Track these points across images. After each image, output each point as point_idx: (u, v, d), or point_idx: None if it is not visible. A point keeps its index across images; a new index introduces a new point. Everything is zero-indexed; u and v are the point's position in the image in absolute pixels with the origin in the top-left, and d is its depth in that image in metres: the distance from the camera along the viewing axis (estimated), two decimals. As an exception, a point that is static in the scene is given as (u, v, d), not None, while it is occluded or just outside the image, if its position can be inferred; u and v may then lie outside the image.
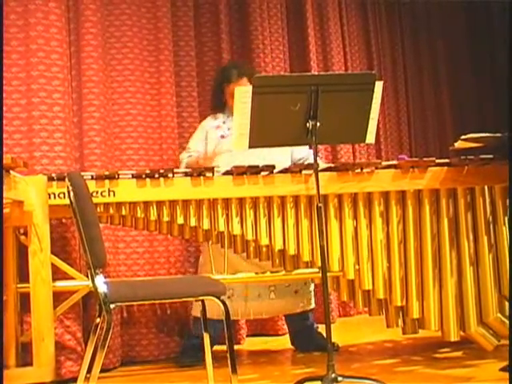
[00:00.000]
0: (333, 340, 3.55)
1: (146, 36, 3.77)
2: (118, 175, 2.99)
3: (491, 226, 3.20)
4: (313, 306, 3.65)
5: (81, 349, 3.20)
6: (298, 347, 3.69)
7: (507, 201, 3.17)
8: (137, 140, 3.68)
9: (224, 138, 3.60)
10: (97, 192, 2.94)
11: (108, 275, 3.40)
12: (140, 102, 3.71)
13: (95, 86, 3.48)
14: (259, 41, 4.30)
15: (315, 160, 2.76)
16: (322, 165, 3.20)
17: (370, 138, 2.88)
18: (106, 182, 2.97)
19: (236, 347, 3.63)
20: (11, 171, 2.79)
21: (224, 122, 3.67)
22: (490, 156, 3.16)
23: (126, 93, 3.68)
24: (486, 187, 3.21)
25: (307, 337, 3.64)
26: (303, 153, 3.64)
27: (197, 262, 3.77)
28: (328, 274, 2.83)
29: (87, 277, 2.89)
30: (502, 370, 2.82)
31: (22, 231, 3.04)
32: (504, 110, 3.51)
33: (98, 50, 3.51)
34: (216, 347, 3.34)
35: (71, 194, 2.40)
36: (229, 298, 3.43)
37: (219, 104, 3.70)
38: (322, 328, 3.10)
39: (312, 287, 3.64)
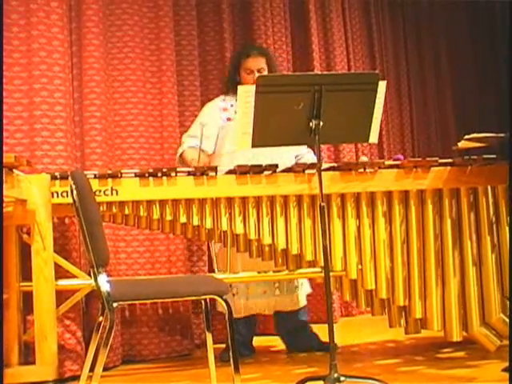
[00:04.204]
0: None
1: (148, 35, 3.77)
2: (121, 174, 2.99)
3: (494, 227, 3.20)
4: (303, 303, 3.60)
5: (81, 348, 3.20)
6: (288, 347, 3.62)
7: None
8: (138, 139, 3.67)
9: (230, 120, 3.54)
10: (100, 191, 2.94)
11: (109, 274, 3.39)
12: (141, 102, 3.70)
13: (97, 86, 3.47)
14: (262, 40, 4.29)
15: (318, 159, 2.75)
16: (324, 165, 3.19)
17: (374, 137, 2.87)
18: (109, 180, 2.96)
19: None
20: (14, 170, 2.79)
21: (232, 106, 3.58)
22: (493, 156, 3.15)
23: (128, 92, 3.68)
24: (489, 187, 3.20)
25: (299, 336, 3.59)
26: (301, 150, 3.65)
27: (199, 261, 3.76)
28: (331, 274, 2.82)
29: (89, 275, 2.89)
30: (505, 370, 2.81)
31: (24, 230, 3.05)
32: (506, 110, 3.50)
33: (99, 50, 3.51)
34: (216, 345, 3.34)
35: (74, 192, 2.40)
36: (234, 295, 3.46)
37: (233, 83, 3.54)
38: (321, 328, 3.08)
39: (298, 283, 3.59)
